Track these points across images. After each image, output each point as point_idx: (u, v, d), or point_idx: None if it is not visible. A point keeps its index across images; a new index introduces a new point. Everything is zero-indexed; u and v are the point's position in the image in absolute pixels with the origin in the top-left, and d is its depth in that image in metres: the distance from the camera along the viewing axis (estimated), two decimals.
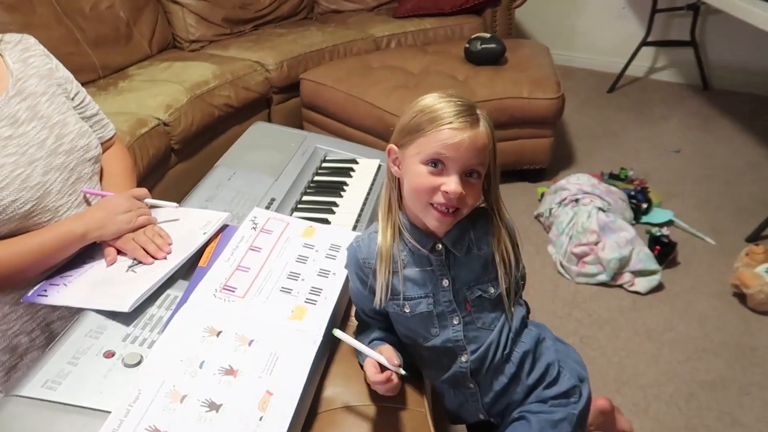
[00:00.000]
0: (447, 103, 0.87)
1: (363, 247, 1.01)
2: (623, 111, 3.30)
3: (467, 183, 0.88)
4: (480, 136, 0.86)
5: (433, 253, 0.97)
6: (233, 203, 1.32)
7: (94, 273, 1.09)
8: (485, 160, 0.88)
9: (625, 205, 2.24)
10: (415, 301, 0.99)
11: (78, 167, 1.15)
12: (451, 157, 0.86)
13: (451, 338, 1.00)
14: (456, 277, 0.98)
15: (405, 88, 2.45)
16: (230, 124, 2.50)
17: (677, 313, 1.91)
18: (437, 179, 0.87)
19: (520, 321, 1.03)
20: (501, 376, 1.03)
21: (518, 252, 1.03)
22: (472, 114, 0.86)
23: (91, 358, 0.92)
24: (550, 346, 1.06)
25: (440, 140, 0.85)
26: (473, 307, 0.99)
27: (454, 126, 0.84)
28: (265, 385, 0.91)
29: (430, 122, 0.86)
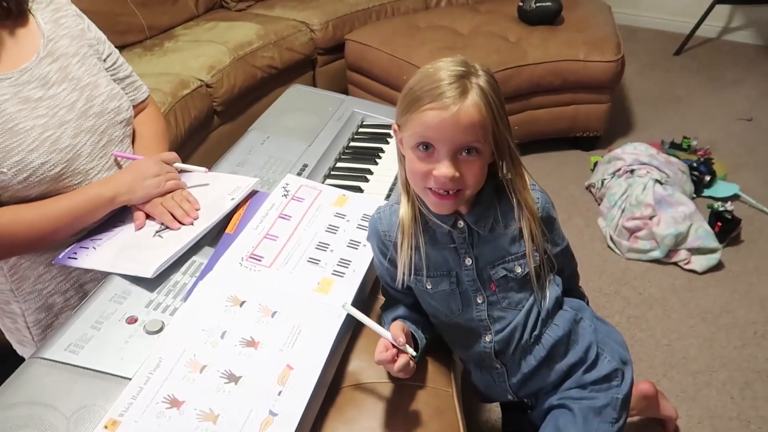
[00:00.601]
0: (430, 79, 0.79)
1: (384, 219, 0.97)
2: (691, 75, 3.07)
3: (464, 162, 0.81)
4: (467, 112, 0.77)
5: (455, 230, 0.91)
6: (265, 168, 1.29)
7: (123, 237, 1.09)
8: (481, 133, 0.79)
9: (686, 177, 2.09)
10: (437, 279, 0.94)
11: (108, 130, 1.14)
12: (437, 139, 0.79)
13: (474, 317, 0.95)
14: (479, 256, 0.92)
15: (453, 49, 2.35)
16: (274, 86, 2.46)
17: (737, 295, 1.78)
18: (427, 164, 0.82)
19: (553, 302, 0.97)
20: (529, 358, 0.98)
21: (553, 228, 0.96)
22: (460, 85, 0.78)
23: (113, 324, 0.92)
24: (587, 327, 0.99)
25: (423, 123, 0.79)
26: (498, 286, 0.93)
27: (434, 105, 0.77)
28: (286, 358, 0.89)
29: (413, 103, 0.80)
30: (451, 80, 0.78)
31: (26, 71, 1.03)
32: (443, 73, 0.79)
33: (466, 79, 0.79)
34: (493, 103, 0.79)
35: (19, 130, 0.99)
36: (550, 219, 0.94)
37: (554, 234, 0.96)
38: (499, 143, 0.83)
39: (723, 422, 1.44)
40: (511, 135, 0.84)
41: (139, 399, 0.82)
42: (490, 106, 0.79)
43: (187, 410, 0.81)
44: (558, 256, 0.97)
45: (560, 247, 0.98)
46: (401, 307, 1.02)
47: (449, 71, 0.79)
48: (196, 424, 0.80)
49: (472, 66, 0.82)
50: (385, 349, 0.89)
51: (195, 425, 0.80)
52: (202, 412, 0.81)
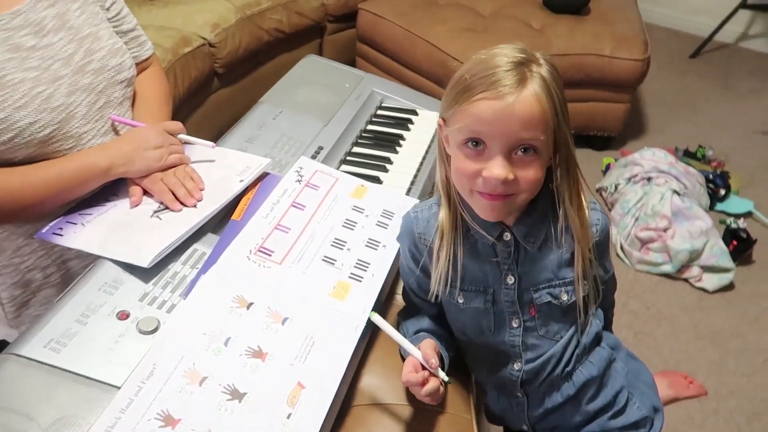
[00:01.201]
0: (484, 65, 0.69)
1: (421, 219, 0.86)
2: (707, 80, 2.98)
3: (519, 162, 0.70)
4: (526, 103, 0.67)
5: (500, 242, 0.81)
6: (276, 147, 1.17)
7: (116, 214, 0.97)
8: (541, 129, 0.69)
9: (703, 190, 2.02)
10: (471, 294, 0.84)
11: (107, 90, 1.01)
12: (490, 135, 0.69)
13: (507, 341, 0.86)
14: (524, 275, 0.82)
15: (473, 31, 2.22)
16: (279, 51, 2.32)
17: (747, 318, 1.73)
18: (477, 163, 0.71)
19: (593, 337, 0.88)
20: (555, 394, 0.89)
21: (606, 254, 0.87)
22: (519, 73, 0.67)
23: (102, 318, 0.80)
24: (620, 369, 0.91)
25: (473, 115, 0.69)
26: (539, 312, 0.84)
27: (487, 95, 0.67)
28: (297, 375, 0.79)
29: (463, 92, 0.69)
30: (508, 67, 0.67)
31: (19, 14, 0.89)
32: (499, 59, 0.69)
33: (526, 67, 0.68)
34: (556, 95, 0.69)
35: (6, 83, 0.86)
36: (605, 244, 0.85)
37: (605, 260, 0.87)
38: (558, 144, 0.72)
39: None
40: (572, 137, 0.73)
41: (128, 413, 0.71)
42: (552, 99, 0.68)
43: (183, 430, 0.71)
44: (604, 284, 0.88)
45: (608, 275, 0.89)
46: (425, 319, 0.93)
47: (507, 57, 0.69)
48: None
49: (533, 54, 0.71)
50: (414, 369, 0.80)
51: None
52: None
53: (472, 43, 2.14)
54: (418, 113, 1.40)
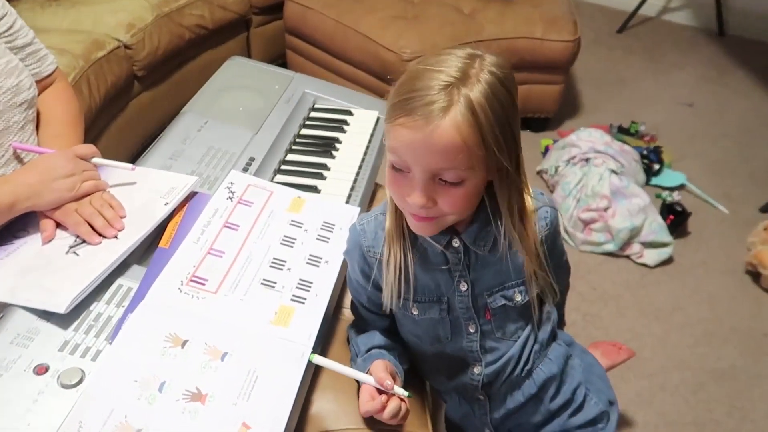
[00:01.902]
0: (414, 83, 0.64)
1: (369, 231, 0.82)
2: (633, 55, 3.05)
3: (442, 189, 0.67)
4: (443, 134, 0.62)
5: (449, 250, 0.78)
6: (203, 162, 1.09)
7: (26, 253, 0.88)
8: (461, 159, 0.64)
9: (639, 166, 2.06)
10: (425, 305, 0.82)
11: (5, 114, 0.91)
12: (409, 161, 0.66)
13: (465, 347, 0.84)
14: (477, 281, 0.80)
15: (403, 19, 2.17)
16: (203, 48, 2.19)
17: (687, 291, 1.78)
18: (401, 185, 0.69)
19: (548, 333, 0.88)
20: (517, 393, 0.88)
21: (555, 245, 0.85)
22: (444, 100, 0.62)
23: (17, 375, 0.72)
24: (577, 366, 0.92)
25: (395, 139, 0.66)
26: (494, 315, 0.82)
27: (405, 121, 0.63)
28: (242, 415, 0.73)
29: (393, 110, 0.66)
30: (436, 90, 0.62)
31: None
32: (432, 78, 0.63)
33: (455, 89, 0.63)
34: (485, 120, 0.63)
35: None
36: (555, 233, 0.83)
37: (556, 248, 0.86)
38: (492, 165, 0.67)
39: (678, 428, 1.43)
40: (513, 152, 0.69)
41: None
42: (478, 126, 0.63)
43: None
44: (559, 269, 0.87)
45: (561, 259, 0.89)
46: (377, 334, 0.89)
47: (440, 78, 0.63)
48: None
49: (477, 62, 0.65)
50: (370, 398, 0.77)
51: None
52: None
53: (404, 31, 2.09)
54: (353, 113, 1.34)
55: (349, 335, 0.94)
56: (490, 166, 0.67)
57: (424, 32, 2.08)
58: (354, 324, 0.95)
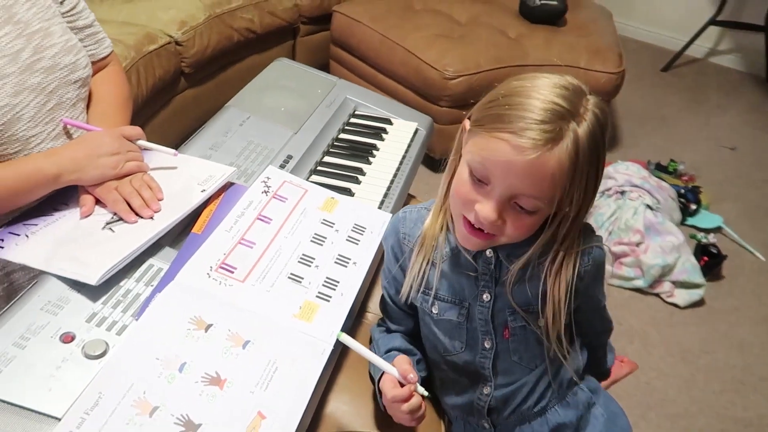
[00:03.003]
0: (523, 100, 0.63)
1: (409, 221, 0.83)
2: (677, 94, 3.02)
3: (513, 213, 0.67)
4: (545, 164, 0.62)
5: (481, 258, 0.77)
6: (242, 156, 1.10)
7: (64, 225, 0.90)
8: (548, 194, 0.64)
9: (675, 204, 2.02)
10: (446, 305, 0.81)
11: (59, 90, 0.94)
12: (495, 176, 0.65)
13: (477, 363, 0.82)
14: (501, 295, 0.78)
15: (448, 38, 2.18)
16: (249, 51, 2.24)
17: (717, 335, 1.73)
18: (476, 193, 0.67)
19: (570, 376, 0.84)
20: (526, 429, 0.85)
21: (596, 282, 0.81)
22: (553, 129, 0.61)
23: (43, 341, 0.73)
24: (599, 416, 0.87)
25: (489, 150, 0.64)
26: (513, 335, 0.80)
27: (509, 138, 0.62)
28: (258, 403, 0.73)
29: (494, 120, 0.64)
30: (547, 117, 0.61)
31: None
32: (542, 102, 0.62)
33: (566, 123, 0.62)
34: (583, 160, 0.63)
35: None
36: (595, 274, 0.79)
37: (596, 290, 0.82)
38: (566, 200, 0.66)
39: None
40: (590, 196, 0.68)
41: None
42: (576, 165, 0.63)
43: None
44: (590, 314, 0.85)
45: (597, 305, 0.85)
46: (398, 338, 0.88)
47: (550, 103, 0.62)
48: None
49: (584, 99, 0.64)
50: (394, 385, 0.76)
51: None
52: None
53: (448, 50, 2.10)
54: (393, 122, 1.35)
55: (372, 336, 0.94)
56: (565, 202, 0.67)
57: (468, 52, 2.09)
58: (379, 323, 0.94)
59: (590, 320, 0.85)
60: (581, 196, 0.66)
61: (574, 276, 0.74)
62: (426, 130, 1.36)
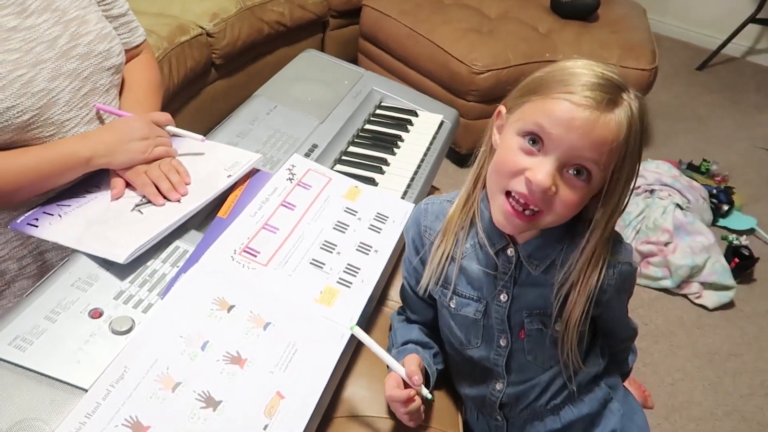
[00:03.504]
0: (586, 71, 0.63)
1: (430, 213, 0.83)
2: (712, 93, 2.95)
3: (566, 180, 0.65)
4: (607, 125, 0.62)
5: (501, 256, 0.76)
6: (269, 144, 1.12)
7: (95, 207, 0.92)
8: (607, 159, 0.63)
9: (706, 204, 1.97)
10: (464, 300, 0.80)
11: (93, 76, 0.96)
12: (553, 136, 0.63)
13: (491, 359, 0.82)
14: (519, 296, 0.77)
15: (478, 33, 2.17)
16: (279, 44, 2.27)
17: (746, 338, 1.69)
18: (526, 159, 0.65)
19: (589, 379, 0.84)
20: (538, 425, 0.85)
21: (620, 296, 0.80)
22: (611, 93, 0.62)
23: (73, 316, 0.76)
24: (616, 411, 0.86)
25: (549, 110, 0.63)
26: (528, 336, 0.79)
27: (573, 98, 0.62)
28: (277, 384, 0.75)
29: (549, 85, 0.64)
30: (603, 81, 0.62)
31: None
32: (590, 71, 0.63)
33: (621, 92, 0.63)
34: (636, 133, 0.64)
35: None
36: (622, 288, 0.78)
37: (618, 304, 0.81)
38: (613, 182, 0.66)
39: None
40: (631, 183, 0.68)
41: (94, 419, 0.67)
42: (630, 135, 0.63)
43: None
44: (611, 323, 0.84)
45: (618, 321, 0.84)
46: (416, 330, 0.89)
47: (600, 72, 0.63)
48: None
49: (625, 82, 0.65)
50: (397, 385, 0.76)
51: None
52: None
53: (477, 45, 2.09)
54: (419, 114, 1.35)
55: (391, 323, 0.95)
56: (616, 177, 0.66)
57: (497, 47, 2.08)
58: (399, 311, 0.95)
59: (611, 329, 0.85)
60: (624, 182, 0.66)
61: (597, 287, 0.72)
62: (452, 123, 1.36)
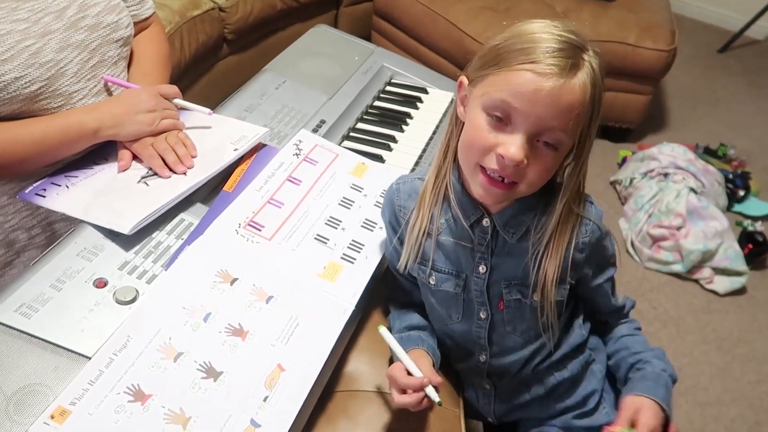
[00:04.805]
0: (546, 35, 0.62)
1: (403, 192, 0.83)
2: (733, 76, 2.88)
3: (536, 151, 0.64)
4: (572, 90, 0.61)
5: (477, 228, 0.76)
6: (276, 119, 1.12)
7: (102, 178, 0.93)
8: (574, 125, 0.63)
9: (721, 189, 1.94)
10: (443, 276, 0.80)
11: (101, 48, 0.96)
12: (520, 110, 0.62)
13: (473, 332, 0.82)
14: (497, 266, 0.77)
15: (494, 11, 2.14)
16: (292, 20, 2.25)
17: (757, 325, 1.67)
18: (495, 136, 0.65)
19: (571, 348, 0.84)
20: (524, 392, 0.86)
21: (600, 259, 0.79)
22: (573, 56, 0.61)
23: (78, 285, 0.77)
24: (597, 372, 0.87)
25: (512, 85, 0.61)
26: (507, 308, 0.79)
27: (536, 68, 0.60)
28: (278, 356, 0.75)
29: (502, 57, 0.63)
30: (562, 45, 0.61)
31: None
32: (550, 35, 0.62)
33: (581, 53, 0.62)
34: (596, 92, 0.63)
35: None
36: (598, 248, 0.77)
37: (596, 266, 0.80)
38: (581, 143, 0.66)
39: None
40: (592, 139, 0.68)
41: (96, 385, 0.68)
42: (593, 95, 0.63)
43: (153, 406, 0.68)
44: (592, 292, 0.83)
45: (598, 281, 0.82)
46: (415, 315, 0.88)
47: (559, 35, 0.62)
48: (162, 426, 0.67)
49: (584, 38, 0.64)
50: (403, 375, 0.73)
51: (161, 427, 0.67)
52: (171, 411, 0.68)
53: (492, 23, 2.06)
54: (429, 92, 1.34)
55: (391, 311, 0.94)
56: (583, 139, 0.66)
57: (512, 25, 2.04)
58: (392, 298, 0.94)
59: (592, 299, 0.84)
60: (592, 132, 0.66)
61: (571, 246, 0.73)
62: None
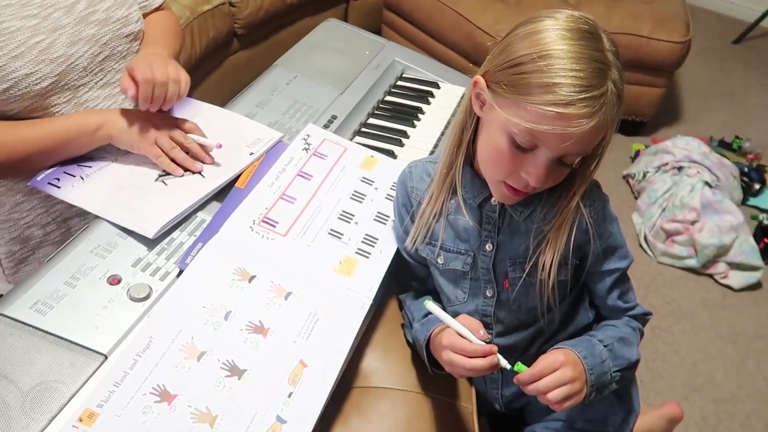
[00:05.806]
0: (573, 62, 0.60)
1: (415, 174, 0.85)
2: (748, 68, 2.84)
3: (556, 167, 0.67)
4: (598, 125, 0.62)
5: (485, 207, 0.78)
6: (287, 114, 1.11)
7: (118, 171, 0.93)
8: (592, 147, 0.66)
9: (736, 183, 1.92)
10: (452, 255, 0.82)
11: (112, 42, 0.96)
12: (547, 145, 0.64)
13: (479, 310, 0.83)
14: (502, 245, 0.79)
15: (504, 3, 2.12)
16: (302, 14, 2.24)
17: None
18: (520, 159, 0.66)
19: (577, 329, 0.86)
20: None
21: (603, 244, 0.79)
22: (600, 88, 0.60)
23: (92, 282, 0.77)
24: None
25: (539, 123, 0.61)
26: (512, 285, 0.80)
27: (571, 110, 0.60)
28: (300, 352, 0.75)
29: (542, 87, 0.61)
30: (588, 77, 0.59)
31: None
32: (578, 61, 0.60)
33: (605, 76, 0.61)
34: (619, 109, 0.64)
35: (2, 31, 0.82)
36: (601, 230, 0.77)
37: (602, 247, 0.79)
38: (599, 148, 0.68)
39: None
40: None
41: (122, 387, 0.68)
42: (617, 114, 0.64)
43: (179, 406, 0.68)
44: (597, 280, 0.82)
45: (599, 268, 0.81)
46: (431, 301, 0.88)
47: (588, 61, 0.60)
48: (190, 425, 0.67)
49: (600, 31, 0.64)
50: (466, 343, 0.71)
51: (188, 426, 0.67)
52: (198, 410, 0.68)
53: (503, 16, 2.04)
54: (441, 86, 1.33)
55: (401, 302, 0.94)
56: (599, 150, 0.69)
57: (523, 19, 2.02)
58: (405, 289, 0.94)
59: (594, 290, 0.84)
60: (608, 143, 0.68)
61: (574, 226, 0.74)
62: None
